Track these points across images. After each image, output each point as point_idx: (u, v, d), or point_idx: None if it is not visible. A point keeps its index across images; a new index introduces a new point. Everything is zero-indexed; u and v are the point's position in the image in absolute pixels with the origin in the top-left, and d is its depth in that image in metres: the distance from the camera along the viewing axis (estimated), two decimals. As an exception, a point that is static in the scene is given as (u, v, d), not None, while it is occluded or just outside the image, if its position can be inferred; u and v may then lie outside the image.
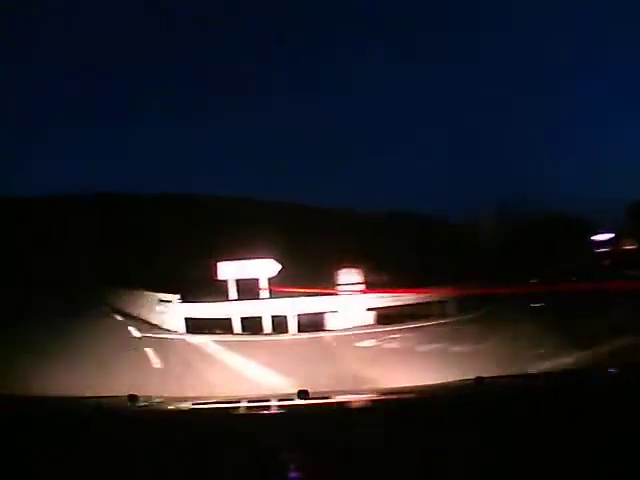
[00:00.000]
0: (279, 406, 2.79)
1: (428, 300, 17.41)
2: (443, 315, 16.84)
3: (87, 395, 4.17)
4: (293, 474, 1.54)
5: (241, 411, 2.75)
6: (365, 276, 17.69)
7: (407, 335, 13.54)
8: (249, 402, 3.13)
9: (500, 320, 14.71)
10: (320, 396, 2.89)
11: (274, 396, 3.72)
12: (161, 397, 3.42)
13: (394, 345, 12.37)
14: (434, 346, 11.64)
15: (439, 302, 17.47)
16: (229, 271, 17.37)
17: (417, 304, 17.12)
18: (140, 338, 14.90)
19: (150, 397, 3.03)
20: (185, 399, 3.99)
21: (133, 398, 2.51)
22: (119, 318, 21.37)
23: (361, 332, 14.58)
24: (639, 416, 1.83)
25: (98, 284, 39.61)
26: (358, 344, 12.57)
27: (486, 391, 2.61)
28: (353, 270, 17.81)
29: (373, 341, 12.87)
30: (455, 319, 16.23)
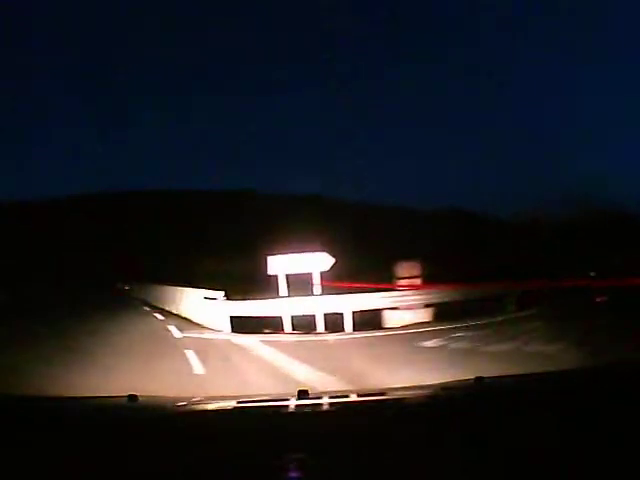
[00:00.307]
0: (279, 406, 2.74)
1: (486, 296, 16.76)
2: (503, 311, 15.96)
3: (87, 395, 4.37)
4: (293, 474, 1.50)
5: (240, 411, 2.68)
6: (423, 270, 16.56)
7: (472, 334, 12.49)
8: (249, 402, 3.11)
9: (567, 316, 13.94)
10: (320, 396, 3.08)
11: (274, 396, 3.65)
12: (160, 397, 3.51)
13: (462, 345, 11.26)
14: (506, 346, 10.65)
15: (497, 298, 16.77)
16: (280, 265, 16.23)
17: (475, 300, 16.46)
18: (180, 339, 13.81)
19: (150, 397, 3.07)
20: (185, 399, 3.80)
21: (133, 398, 2.48)
22: (158, 317, 20.51)
23: (422, 330, 13.61)
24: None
25: (136, 281, 39.54)
26: (422, 344, 11.55)
27: (486, 390, 2.59)
28: (410, 264, 16.77)
29: (438, 340, 11.82)
30: (517, 315, 15.35)
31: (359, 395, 3.39)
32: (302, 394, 2.41)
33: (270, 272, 16.13)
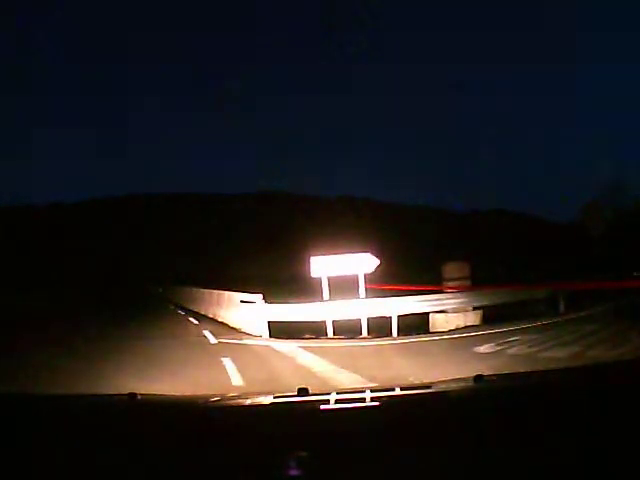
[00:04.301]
0: (279, 403, 2.71)
1: (535, 297, 16.60)
2: (554, 313, 15.67)
3: (86, 393, 4.55)
4: (293, 472, 1.48)
5: (240, 408, 2.66)
6: (471, 271, 15.89)
7: (526, 337, 11.86)
8: (248, 399, 3.12)
9: (621, 318, 13.64)
10: (319, 394, 3.19)
11: (273, 393, 3.52)
12: (160, 395, 3.54)
13: (519, 350, 10.59)
14: (567, 351, 10.08)
15: (547, 299, 16.52)
16: (323, 267, 15.46)
17: (523, 301, 16.24)
18: (216, 345, 13.14)
19: (149, 395, 3.10)
20: (185, 396, 4.00)
21: (132, 396, 2.44)
22: (193, 321, 20.13)
23: (473, 334, 13.01)
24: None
25: (169, 283, 39.45)
26: (477, 349, 10.87)
27: (486, 389, 2.56)
28: (459, 265, 16.32)
29: (492, 345, 11.14)
30: (569, 317, 14.97)
31: (359, 393, 3.47)
32: (302, 392, 2.40)
33: (313, 274, 15.42)
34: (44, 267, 59.97)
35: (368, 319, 14.07)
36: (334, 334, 14.01)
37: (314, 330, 14.15)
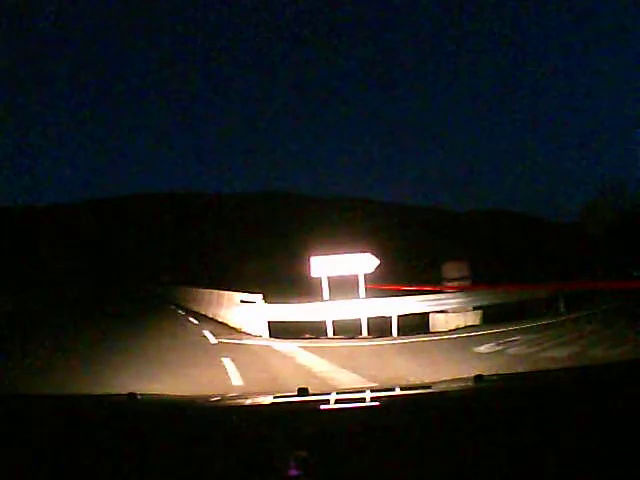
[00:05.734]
0: (278, 403, 2.71)
1: (535, 297, 16.55)
2: (554, 313, 15.56)
3: (87, 393, 4.61)
4: (292, 471, 1.46)
5: (240, 408, 2.65)
6: (471, 271, 15.84)
7: (526, 337, 11.82)
8: (248, 399, 3.11)
9: (621, 318, 13.67)
10: (319, 393, 3.25)
11: (273, 393, 3.63)
12: (160, 395, 3.57)
13: (519, 350, 10.53)
14: (567, 351, 10.02)
15: (546, 299, 16.46)
16: (323, 267, 15.44)
17: (523, 301, 16.25)
18: (216, 345, 13.10)
19: (149, 395, 3.08)
20: (185, 396, 3.94)
21: (132, 396, 2.44)
22: (193, 320, 20.05)
23: (473, 334, 12.94)
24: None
25: (169, 283, 39.42)
26: (477, 349, 10.82)
27: (486, 389, 2.57)
28: (459, 265, 16.16)
29: (492, 345, 11.10)
30: (569, 317, 14.90)
31: (359, 393, 3.47)
32: (302, 392, 2.40)
33: (313, 274, 15.38)
34: (44, 267, 59.99)
35: (368, 319, 14.04)
36: (334, 334, 14.00)
37: (314, 330, 14.10)
